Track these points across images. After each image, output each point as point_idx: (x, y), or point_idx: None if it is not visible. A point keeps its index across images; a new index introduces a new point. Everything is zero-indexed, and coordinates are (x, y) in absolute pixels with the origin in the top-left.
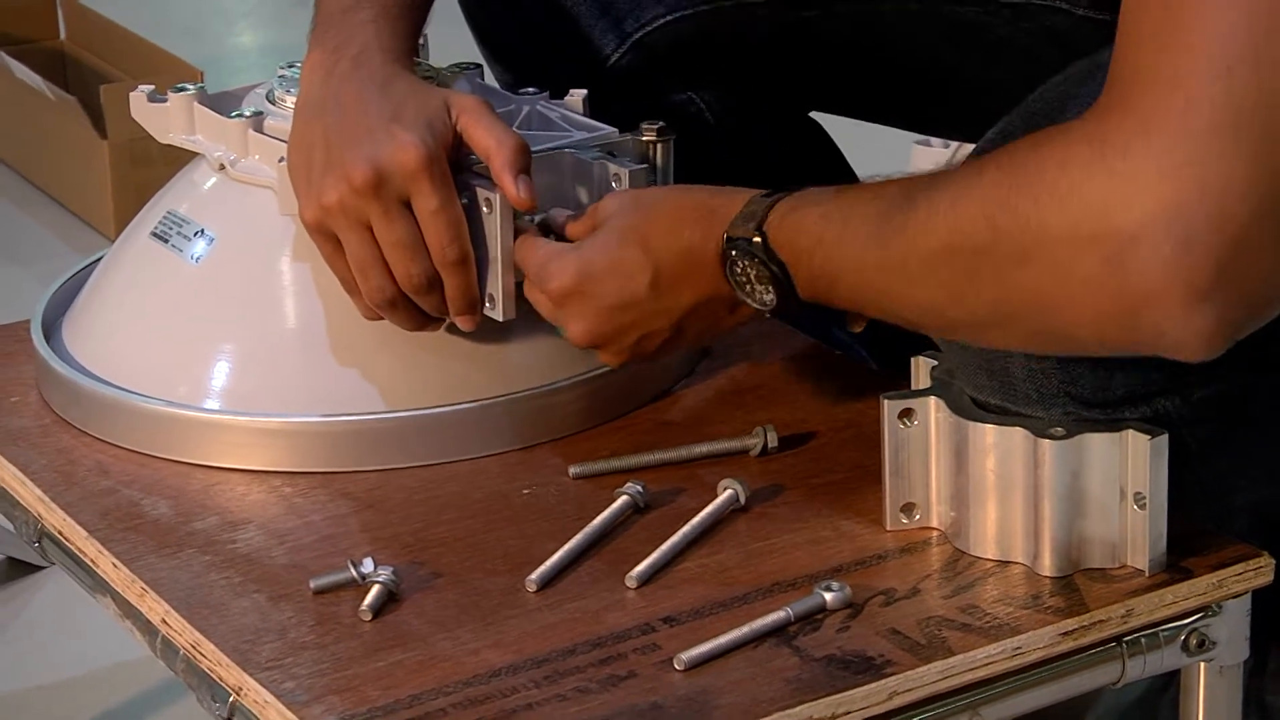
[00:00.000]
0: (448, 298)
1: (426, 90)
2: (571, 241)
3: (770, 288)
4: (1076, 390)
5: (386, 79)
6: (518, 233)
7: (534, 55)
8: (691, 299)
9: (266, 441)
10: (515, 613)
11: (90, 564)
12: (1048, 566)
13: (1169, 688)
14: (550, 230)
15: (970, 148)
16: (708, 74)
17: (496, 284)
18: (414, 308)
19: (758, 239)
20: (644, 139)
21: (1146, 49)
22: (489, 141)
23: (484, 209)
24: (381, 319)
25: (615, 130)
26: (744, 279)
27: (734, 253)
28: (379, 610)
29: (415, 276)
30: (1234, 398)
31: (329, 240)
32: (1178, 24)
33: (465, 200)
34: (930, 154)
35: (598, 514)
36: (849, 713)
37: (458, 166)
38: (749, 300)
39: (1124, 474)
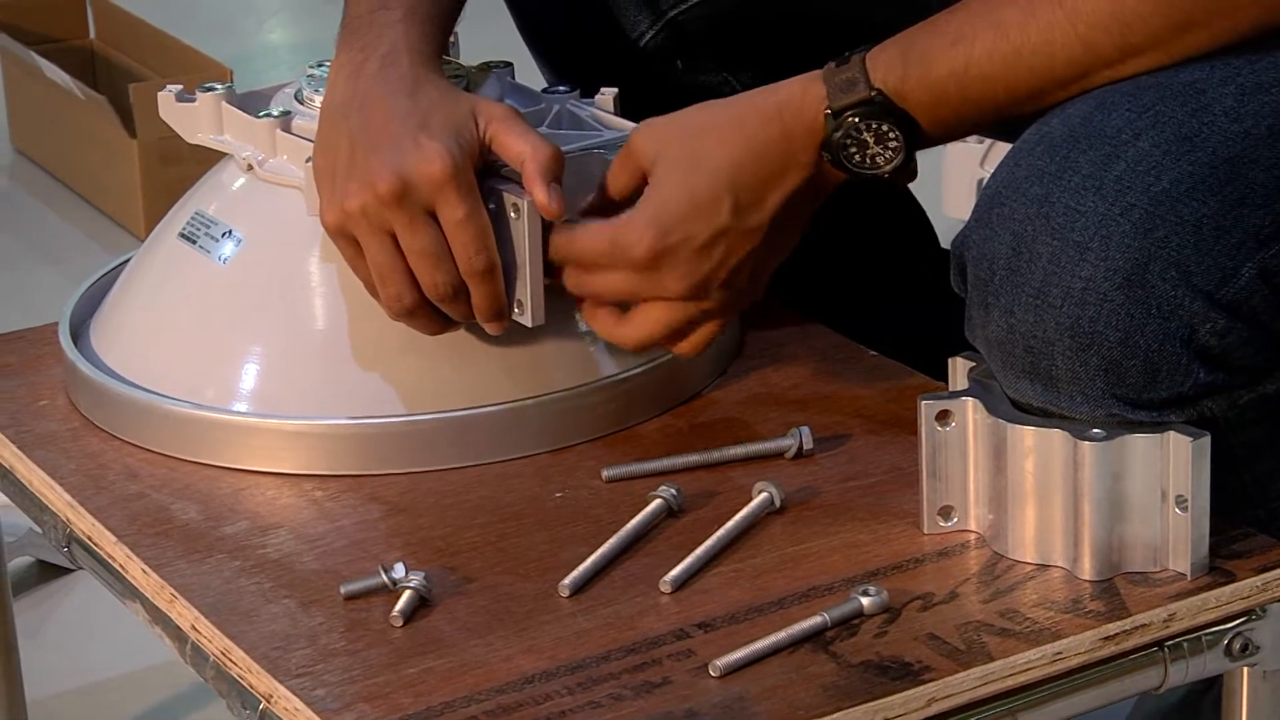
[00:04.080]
0: (475, 306)
1: (454, 96)
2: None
3: (891, 144)
4: (1121, 392)
5: (414, 82)
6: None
7: (565, 30)
8: (776, 202)
9: (296, 444)
10: (548, 618)
11: (119, 569)
12: (1088, 570)
13: (1211, 689)
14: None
15: (1005, 146)
16: (744, 54)
17: (525, 289)
18: (434, 313)
19: (876, 96)
20: None
21: None
22: (522, 148)
23: (511, 214)
24: None
25: None
26: (855, 148)
27: (848, 124)
28: (410, 616)
29: (441, 285)
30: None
31: (350, 243)
32: None
33: (492, 206)
34: (966, 150)
35: (631, 517)
36: None
37: (483, 172)
38: (861, 170)
39: (1165, 476)
